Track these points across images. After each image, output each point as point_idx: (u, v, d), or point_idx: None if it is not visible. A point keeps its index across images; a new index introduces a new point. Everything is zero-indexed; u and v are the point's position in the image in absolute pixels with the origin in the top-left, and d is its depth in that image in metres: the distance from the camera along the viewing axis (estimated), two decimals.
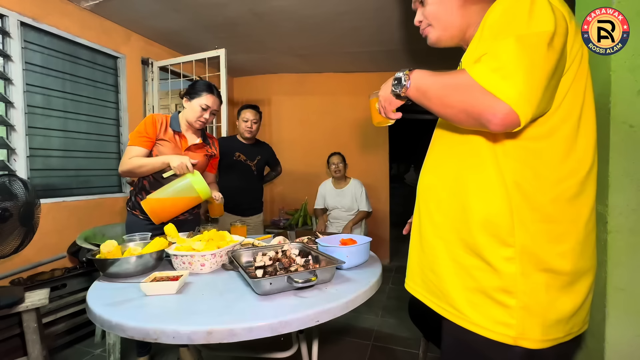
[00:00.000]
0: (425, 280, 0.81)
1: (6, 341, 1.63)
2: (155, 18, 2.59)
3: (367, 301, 0.99)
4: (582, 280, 0.69)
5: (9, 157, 2.04)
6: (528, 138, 0.66)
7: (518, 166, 0.66)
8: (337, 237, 1.34)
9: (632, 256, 1.03)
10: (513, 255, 0.66)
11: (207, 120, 1.69)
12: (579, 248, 0.67)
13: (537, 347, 0.65)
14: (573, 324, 0.68)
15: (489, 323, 0.67)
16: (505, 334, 0.66)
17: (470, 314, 0.69)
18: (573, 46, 0.65)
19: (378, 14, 2.51)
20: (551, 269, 0.66)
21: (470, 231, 0.70)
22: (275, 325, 0.78)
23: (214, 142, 1.87)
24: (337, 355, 2.08)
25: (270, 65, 3.80)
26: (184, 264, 1.14)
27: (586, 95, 0.68)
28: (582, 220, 0.68)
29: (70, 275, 2.10)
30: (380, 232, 3.97)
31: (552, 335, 0.66)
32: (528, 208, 0.66)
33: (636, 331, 1.03)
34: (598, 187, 1.08)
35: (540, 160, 0.66)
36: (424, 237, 0.81)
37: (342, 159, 3.06)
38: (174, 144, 1.65)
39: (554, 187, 0.66)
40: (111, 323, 0.82)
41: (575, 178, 0.67)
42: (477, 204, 0.70)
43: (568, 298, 0.67)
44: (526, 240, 0.65)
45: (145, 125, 1.60)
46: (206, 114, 1.66)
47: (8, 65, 2.03)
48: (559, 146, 0.66)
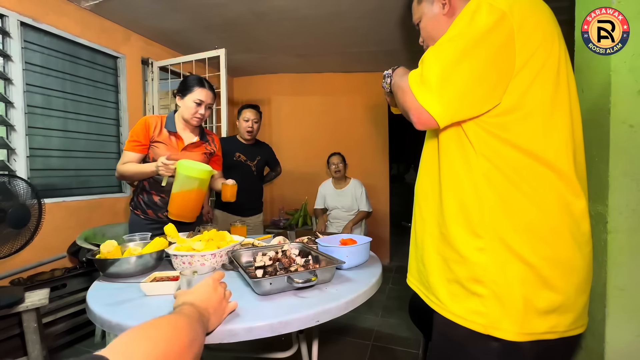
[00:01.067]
0: (419, 272, 0.85)
1: (6, 341, 1.64)
2: (155, 18, 2.59)
3: (367, 301, 0.99)
4: (564, 277, 0.67)
5: (9, 157, 2.04)
6: (493, 131, 0.68)
7: (486, 160, 0.69)
8: (337, 237, 1.34)
9: (632, 256, 1.03)
10: (484, 246, 0.68)
11: (204, 115, 1.64)
12: (553, 242, 0.67)
13: (511, 338, 0.65)
14: (556, 322, 0.66)
15: (465, 312, 0.70)
16: (477, 322, 0.68)
17: (449, 303, 0.73)
18: (528, 44, 0.64)
19: (378, 14, 2.51)
20: (525, 260, 0.66)
21: (445, 224, 0.74)
22: (275, 325, 0.78)
23: (214, 139, 1.82)
24: (337, 355, 2.08)
25: (270, 65, 3.80)
26: (184, 264, 1.14)
27: (559, 92, 0.68)
28: (553, 214, 0.67)
29: (70, 275, 2.10)
30: (380, 232, 3.97)
31: (529, 328, 0.65)
32: (497, 201, 0.67)
33: (636, 331, 1.03)
34: (598, 187, 1.08)
35: (504, 154, 0.68)
36: (417, 232, 0.86)
37: (342, 159, 3.07)
38: (169, 144, 1.62)
39: (521, 181, 0.67)
40: (111, 323, 0.82)
41: (542, 174, 0.67)
42: (449, 198, 0.74)
43: (545, 293, 0.66)
44: (496, 232, 0.67)
45: (136, 130, 1.58)
46: (201, 109, 1.62)
47: (8, 65, 2.03)
48: (523, 141, 0.67)
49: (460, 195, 0.72)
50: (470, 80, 0.65)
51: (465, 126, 0.71)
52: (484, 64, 0.65)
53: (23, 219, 1.45)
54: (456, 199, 0.72)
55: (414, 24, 0.93)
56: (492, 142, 0.68)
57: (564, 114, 0.68)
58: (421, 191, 0.85)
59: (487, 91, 0.66)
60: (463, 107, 0.68)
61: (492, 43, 0.64)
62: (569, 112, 0.69)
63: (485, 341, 0.67)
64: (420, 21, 0.90)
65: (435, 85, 0.66)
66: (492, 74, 0.65)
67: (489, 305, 0.67)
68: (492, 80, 0.65)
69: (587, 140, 1.15)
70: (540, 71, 0.66)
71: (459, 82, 0.66)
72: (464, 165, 0.72)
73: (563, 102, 0.68)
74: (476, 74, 0.65)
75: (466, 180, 0.71)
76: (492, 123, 0.68)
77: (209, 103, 1.65)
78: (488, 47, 0.64)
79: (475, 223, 0.69)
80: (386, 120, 4.04)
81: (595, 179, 1.10)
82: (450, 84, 0.66)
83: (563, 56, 0.69)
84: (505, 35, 0.64)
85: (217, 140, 1.84)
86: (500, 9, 0.64)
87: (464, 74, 0.65)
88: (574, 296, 0.68)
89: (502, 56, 0.64)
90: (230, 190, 1.64)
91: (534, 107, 0.66)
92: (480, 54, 0.64)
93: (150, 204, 1.66)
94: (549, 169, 0.67)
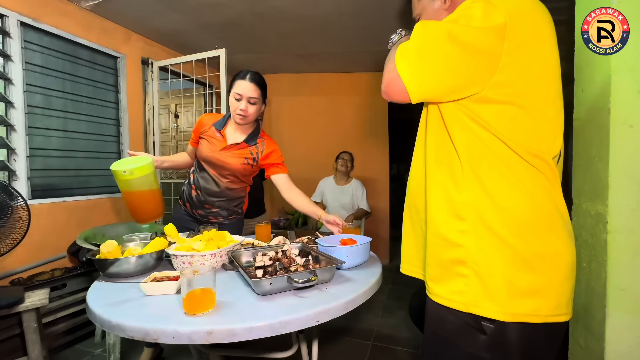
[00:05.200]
0: (417, 257, 0.87)
1: (6, 341, 1.64)
2: (155, 18, 2.59)
3: (367, 301, 0.99)
4: (547, 260, 0.67)
5: (9, 157, 2.04)
6: (472, 115, 0.70)
7: (465, 145, 0.71)
8: (337, 237, 1.34)
9: (632, 256, 1.03)
10: (466, 229, 0.70)
11: (245, 111, 1.47)
12: (535, 224, 0.68)
13: (492, 316, 0.67)
14: (538, 304, 0.66)
15: (448, 293, 0.72)
16: (458, 301, 0.70)
17: (433, 286, 0.76)
18: (518, 43, 0.65)
19: (378, 14, 2.50)
20: (506, 242, 0.67)
21: (429, 209, 0.77)
22: (275, 325, 0.78)
23: (264, 143, 1.59)
24: (337, 355, 2.08)
25: (270, 65, 3.80)
26: (184, 264, 1.14)
27: (544, 90, 0.69)
28: (537, 197, 0.68)
29: (70, 275, 2.10)
30: (380, 232, 3.97)
31: (510, 308, 0.66)
32: (478, 185, 0.69)
33: (636, 331, 1.03)
34: (598, 187, 1.08)
35: (484, 140, 0.69)
36: (414, 222, 0.88)
37: (351, 157, 3.17)
38: (211, 142, 1.58)
39: (499, 165, 0.69)
40: (111, 323, 0.82)
41: (521, 161, 0.68)
42: (432, 182, 0.77)
43: (527, 274, 0.67)
44: (479, 213, 0.69)
45: (195, 125, 1.64)
46: (241, 104, 1.46)
47: (8, 65, 2.03)
48: (504, 130, 0.68)
49: (442, 179, 0.75)
50: (449, 63, 0.67)
51: (444, 108, 0.74)
52: (466, 52, 0.65)
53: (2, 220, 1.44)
54: (439, 183, 0.75)
55: (413, 19, 0.93)
56: (474, 127, 0.70)
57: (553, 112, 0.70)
58: (413, 181, 0.87)
59: (465, 78, 0.67)
60: (437, 87, 0.69)
61: (479, 35, 0.65)
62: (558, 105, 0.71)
63: (473, 332, 0.69)
64: (420, 17, 0.90)
65: (413, 57, 0.68)
66: (471, 63, 0.66)
67: (471, 285, 0.69)
68: (471, 69, 0.66)
69: (587, 140, 1.15)
70: (527, 70, 0.67)
71: (435, 61, 0.67)
72: (446, 148, 0.75)
73: (548, 97, 0.70)
74: (456, 58, 0.66)
75: (447, 164, 0.74)
76: (474, 110, 0.69)
77: (250, 97, 1.46)
78: (475, 38, 0.65)
79: (458, 206, 0.71)
80: (386, 120, 4.04)
81: (595, 179, 1.10)
82: (427, 60, 0.68)
83: (554, 59, 0.70)
84: (496, 32, 0.64)
85: (270, 144, 1.61)
86: (496, 6, 0.65)
87: (443, 55, 0.66)
88: (557, 280, 0.68)
89: (487, 49, 0.65)
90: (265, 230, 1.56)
91: (521, 102, 0.67)
92: (465, 42, 0.65)
93: (188, 197, 1.68)
94: (533, 158, 0.68)
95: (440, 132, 0.76)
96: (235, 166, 1.56)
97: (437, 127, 0.77)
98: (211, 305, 0.84)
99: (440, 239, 0.74)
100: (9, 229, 1.48)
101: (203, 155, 1.58)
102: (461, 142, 0.71)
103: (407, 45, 0.70)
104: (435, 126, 0.78)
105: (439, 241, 0.74)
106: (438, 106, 0.76)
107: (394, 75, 0.70)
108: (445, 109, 0.74)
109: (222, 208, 1.66)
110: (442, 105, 0.75)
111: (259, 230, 1.58)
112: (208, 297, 0.83)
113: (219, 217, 1.67)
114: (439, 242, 0.74)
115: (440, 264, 0.74)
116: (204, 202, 1.63)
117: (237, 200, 1.70)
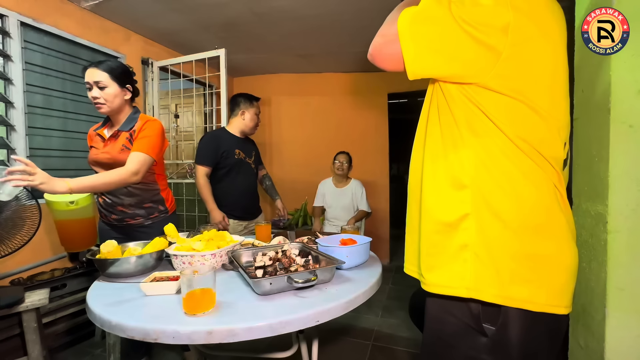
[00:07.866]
0: (414, 255, 0.85)
1: (6, 341, 1.64)
2: (155, 18, 2.59)
3: (367, 301, 0.99)
4: (547, 245, 0.67)
5: (9, 157, 2.04)
6: (472, 98, 0.69)
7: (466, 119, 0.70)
8: (337, 237, 1.34)
9: (632, 256, 1.03)
10: (468, 212, 0.69)
11: (97, 98, 1.45)
12: (537, 209, 0.67)
13: (493, 300, 0.66)
14: (536, 292, 0.66)
15: (447, 279, 0.71)
16: (459, 286, 0.69)
17: (429, 276, 0.74)
18: (524, 36, 0.65)
19: (378, 14, 2.50)
20: (508, 226, 0.67)
21: (425, 191, 0.76)
22: (275, 325, 0.78)
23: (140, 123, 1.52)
24: (337, 355, 2.08)
25: (270, 65, 3.80)
26: (184, 264, 1.14)
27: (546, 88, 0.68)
28: (540, 184, 0.68)
29: (70, 275, 2.10)
30: (380, 232, 3.97)
31: (510, 292, 0.66)
32: (484, 171, 0.68)
33: (636, 331, 1.03)
34: (598, 187, 1.08)
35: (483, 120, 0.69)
36: (412, 218, 0.86)
37: (348, 158, 3.11)
38: (96, 146, 1.57)
39: (497, 151, 0.68)
40: (111, 323, 0.82)
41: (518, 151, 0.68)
42: (429, 170, 0.76)
43: (526, 262, 0.67)
44: (482, 198, 0.68)
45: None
46: (93, 92, 1.46)
47: (8, 65, 2.03)
48: (504, 115, 0.67)
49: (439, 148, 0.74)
50: (447, 42, 0.66)
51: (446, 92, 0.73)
52: (465, 36, 0.64)
53: None
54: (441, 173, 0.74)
55: None
56: (474, 110, 0.70)
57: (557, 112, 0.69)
58: (413, 177, 0.86)
59: (463, 61, 0.66)
60: (434, 61, 0.68)
61: (483, 22, 0.64)
62: (564, 106, 0.70)
63: (474, 334, 0.69)
64: None
65: (418, 28, 0.68)
66: (470, 48, 0.65)
67: (471, 269, 0.68)
68: (469, 53, 0.66)
69: (587, 140, 1.15)
70: (533, 63, 0.66)
71: (440, 40, 0.66)
72: (448, 123, 0.73)
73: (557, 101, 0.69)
74: (455, 40, 0.65)
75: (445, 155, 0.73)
76: (474, 96, 0.69)
77: (95, 80, 1.44)
78: (477, 24, 0.64)
79: (456, 170, 0.71)
80: (386, 120, 4.04)
81: (595, 179, 1.10)
82: (425, 35, 0.67)
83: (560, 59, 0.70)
84: (502, 23, 0.63)
85: (145, 120, 1.54)
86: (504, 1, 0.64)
87: (442, 34, 0.66)
88: (557, 268, 0.68)
89: (489, 38, 0.64)
90: (265, 230, 1.57)
91: (526, 95, 0.67)
92: (466, 27, 0.64)
93: (100, 206, 1.61)
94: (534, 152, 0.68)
95: (444, 111, 0.75)
96: (117, 156, 1.48)
97: (441, 106, 0.76)
98: (211, 305, 0.84)
99: (438, 225, 0.73)
100: (18, 227, 1.49)
101: (91, 160, 1.56)
102: (463, 118, 0.71)
103: (414, 13, 0.68)
104: (438, 106, 0.77)
105: (437, 227, 0.73)
106: (441, 87, 0.75)
107: (393, 38, 0.69)
108: (447, 92, 0.73)
109: (135, 207, 1.58)
110: (444, 87, 0.73)
111: (259, 230, 1.58)
112: (208, 297, 0.83)
113: (137, 218, 1.58)
114: (437, 228, 0.73)
115: (438, 251, 0.73)
116: (113, 205, 1.56)
117: (148, 195, 1.60)
